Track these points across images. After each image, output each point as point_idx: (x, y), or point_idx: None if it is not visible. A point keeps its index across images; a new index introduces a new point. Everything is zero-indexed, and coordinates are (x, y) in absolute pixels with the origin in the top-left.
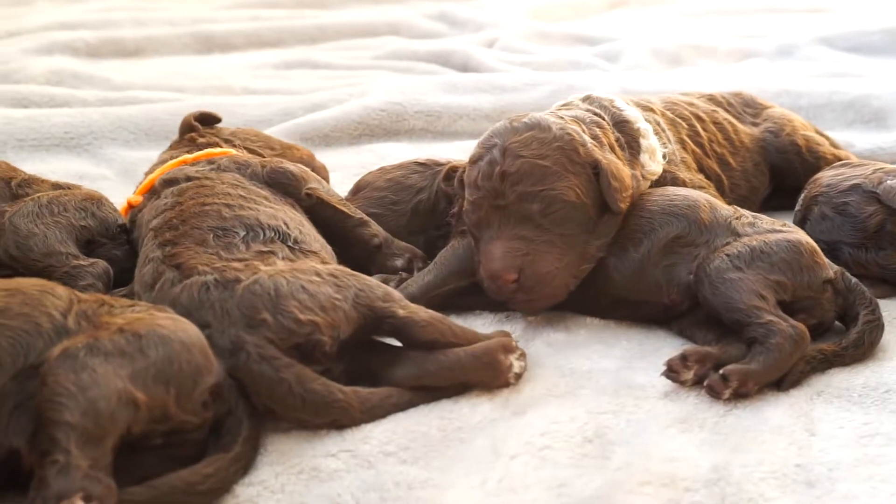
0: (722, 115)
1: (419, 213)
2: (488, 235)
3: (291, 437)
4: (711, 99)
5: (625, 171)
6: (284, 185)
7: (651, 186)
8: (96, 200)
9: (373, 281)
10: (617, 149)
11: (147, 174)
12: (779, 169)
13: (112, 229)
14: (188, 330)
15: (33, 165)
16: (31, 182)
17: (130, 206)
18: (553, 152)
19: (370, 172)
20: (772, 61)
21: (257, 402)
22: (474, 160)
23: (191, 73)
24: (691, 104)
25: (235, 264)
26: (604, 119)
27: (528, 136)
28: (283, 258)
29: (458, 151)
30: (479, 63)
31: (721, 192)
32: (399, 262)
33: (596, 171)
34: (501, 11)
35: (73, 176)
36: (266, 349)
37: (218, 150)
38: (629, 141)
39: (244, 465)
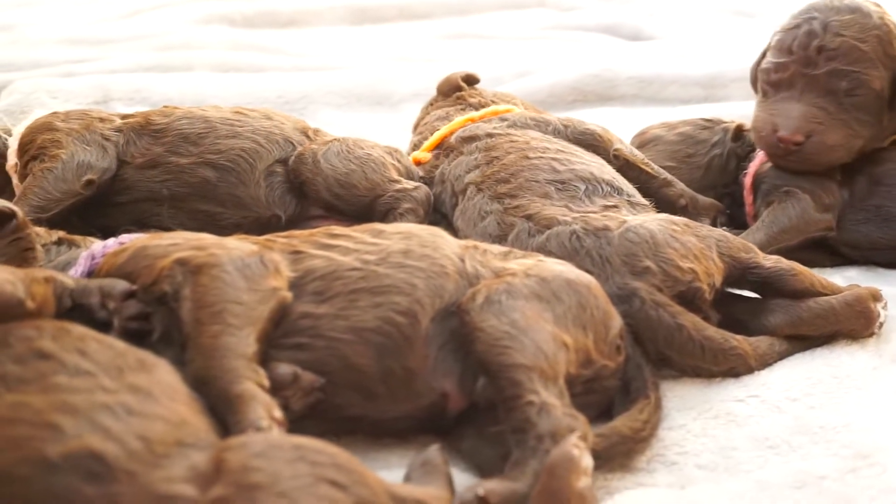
0: None
1: (712, 169)
2: (786, 95)
3: (684, 383)
4: None
5: None
6: (592, 146)
7: None
8: (397, 150)
9: (726, 232)
10: None
11: (419, 133)
12: None
13: (415, 178)
14: (586, 275)
15: None
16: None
17: (418, 163)
18: (872, 39)
19: (651, 126)
20: None
21: (651, 349)
22: (788, 28)
23: (358, 44)
24: None
25: (593, 215)
26: None
27: (850, 19)
28: (627, 213)
29: (668, 116)
30: (650, 34)
31: None
32: (706, 222)
33: None
34: None
35: None
36: (658, 296)
37: (503, 106)
38: None
39: (662, 410)
